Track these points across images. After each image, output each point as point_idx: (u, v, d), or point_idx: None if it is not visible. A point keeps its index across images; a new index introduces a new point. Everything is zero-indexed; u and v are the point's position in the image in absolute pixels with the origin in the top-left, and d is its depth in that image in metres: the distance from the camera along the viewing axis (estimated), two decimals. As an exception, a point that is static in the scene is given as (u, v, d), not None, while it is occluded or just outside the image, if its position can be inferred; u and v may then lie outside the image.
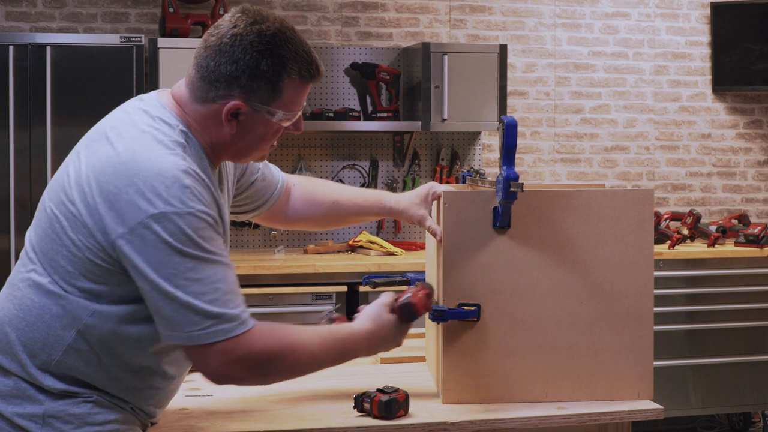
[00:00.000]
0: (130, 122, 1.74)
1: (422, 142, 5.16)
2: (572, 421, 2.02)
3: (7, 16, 4.82)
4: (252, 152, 1.85)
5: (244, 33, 1.72)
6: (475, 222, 2.05)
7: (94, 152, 1.72)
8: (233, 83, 1.72)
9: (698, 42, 5.61)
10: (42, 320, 1.71)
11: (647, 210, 2.10)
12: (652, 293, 2.11)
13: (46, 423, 1.70)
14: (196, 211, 1.65)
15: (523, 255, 2.06)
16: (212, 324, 1.64)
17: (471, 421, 1.97)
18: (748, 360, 4.93)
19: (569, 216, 2.07)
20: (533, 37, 5.40)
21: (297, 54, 1.75)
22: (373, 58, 5.07)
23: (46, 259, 1.72)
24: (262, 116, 1.76)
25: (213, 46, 1.73)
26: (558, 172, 5.44)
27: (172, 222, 1.62)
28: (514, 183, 1.97)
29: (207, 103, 1.75)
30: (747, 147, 5.70)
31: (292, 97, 1.78)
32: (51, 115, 4.25)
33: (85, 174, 1.69)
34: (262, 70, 1.72)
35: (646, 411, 2.07)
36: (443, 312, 2.03)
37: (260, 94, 1.74)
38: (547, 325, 2.08)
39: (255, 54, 1.71)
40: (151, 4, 4.95)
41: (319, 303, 4.30)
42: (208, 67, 1.73)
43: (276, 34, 1.73)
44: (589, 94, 5.49)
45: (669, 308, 4.84)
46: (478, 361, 2.06)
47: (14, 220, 4.25)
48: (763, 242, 4.91)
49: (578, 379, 2.09)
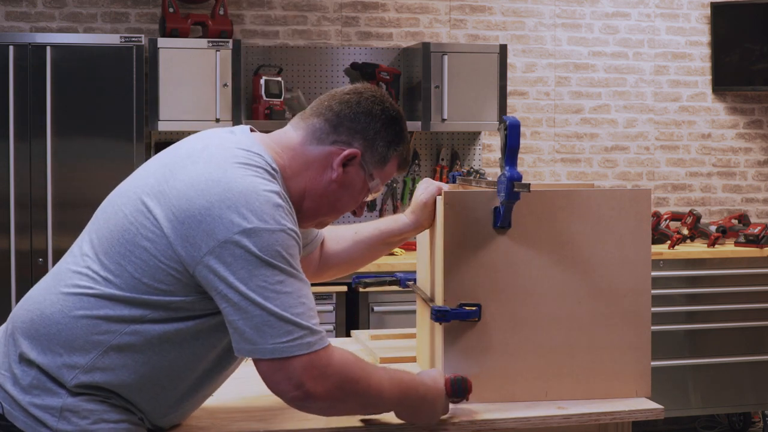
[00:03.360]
0: (220, 145, 1.76)
1: (422, 142, 5.17)
2: (572, 421, 2.02)
3: (7, 16, 4.82)
4: (328, 212, 1.90)
5: (381, 99, 1.87)
6: (475, 222, 2.05)
7: (183, 168, 1.72)
8: (359, 133, 1.84)
9: (698, 42, 5.61)
10: (84, 325, 1.71)
11: (645, 210, 2.11)
12: (649, 292, 2.12)
13: (62, 416, 1.71)
14: (287, 229, 1.68)
15: (523, 255, 2.06)
16: (299, 336, 1.66)
17: (471, 421, 1.97)
18: (748, 360, 4.94)
19: (568, 216, 2.08)
20: (533, 37, 5.40)
21: (406, 140, 1.91)
22: (373, 58, 5.07)
23: (109, 261, 1.72)
24: (362, 176, 1.86)
25: (347, 100, 1.85)
26: (558, 172, 5.44)
27: (264, 238, 1.65)
28: (518, 183, 1.97)
29: (322, 145, 1.83)
30: (747, 147, 5.70)
31: (386, 173, 1.90)
32: (51, 115, 4.26)
33: (172, 188, 1.69)
34: (388, 133, 1.86)
35: (646, 411, 2.07)
36: (446, 312, 2.03)
37: (374, 154, 1.86)
38: (546, 324, 2.08)
39: (389, 118, 1.86)
40: (151, 4, 4.95)
41: (319, 303, 4.30)
42: (340, 113, 1.83)
43: (401, 115, 1.90)
44: (589, 94, 5.49)
45: (669, 308, 4.84)
46: (479, 361, 2.06)
47: (14, 220, 4.25)
48: (763, 242, 4.91)
49: (577, 378, 2.09)
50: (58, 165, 4.26)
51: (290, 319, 1.65)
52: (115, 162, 4.29)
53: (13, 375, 1.75)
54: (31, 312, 1.77)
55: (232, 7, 4.98)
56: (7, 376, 1.75)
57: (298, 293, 1.67)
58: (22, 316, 1.78)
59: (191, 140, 1.83)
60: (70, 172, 4.29)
